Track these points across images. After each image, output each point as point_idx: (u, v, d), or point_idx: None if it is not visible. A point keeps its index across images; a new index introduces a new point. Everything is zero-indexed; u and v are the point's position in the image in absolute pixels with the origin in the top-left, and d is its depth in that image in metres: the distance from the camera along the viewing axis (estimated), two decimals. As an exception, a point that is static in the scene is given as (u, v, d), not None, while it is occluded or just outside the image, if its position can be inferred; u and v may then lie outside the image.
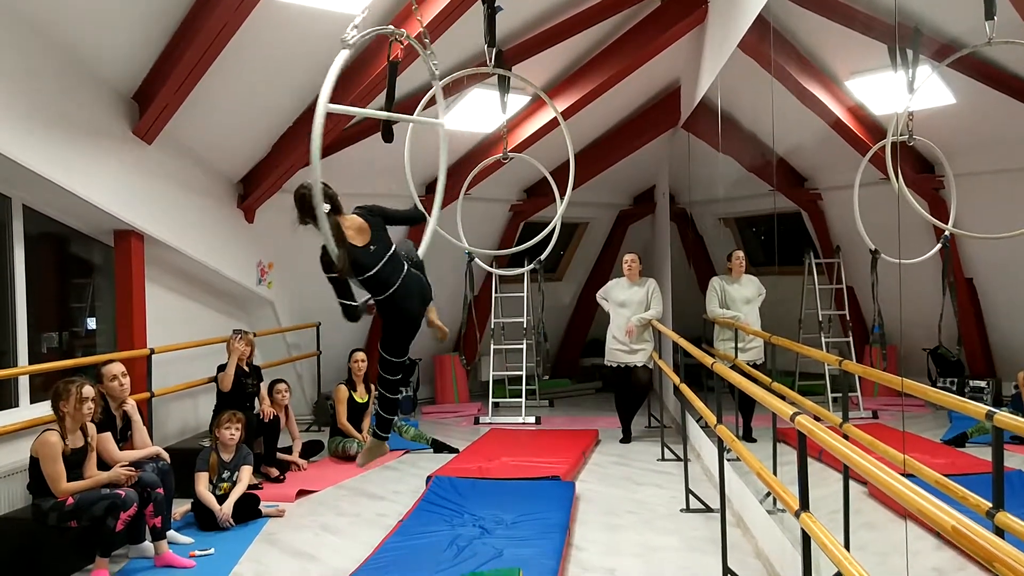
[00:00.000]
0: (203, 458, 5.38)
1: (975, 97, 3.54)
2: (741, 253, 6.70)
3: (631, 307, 7.53)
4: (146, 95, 5.77)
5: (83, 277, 6.62)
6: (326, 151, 7.23)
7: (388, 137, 3.90)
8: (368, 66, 5.96)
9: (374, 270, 3.66)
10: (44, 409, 4.96)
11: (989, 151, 3.63)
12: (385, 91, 3.82)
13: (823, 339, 5.10)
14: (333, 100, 6.38)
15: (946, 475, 2.61)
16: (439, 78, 3.97)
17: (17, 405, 5.38)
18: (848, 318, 5.07)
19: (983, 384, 3.89)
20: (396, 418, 7.60)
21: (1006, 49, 3.09)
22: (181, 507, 5.30)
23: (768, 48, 4.58)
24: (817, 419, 2.99)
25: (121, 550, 4.62)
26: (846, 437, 3.36)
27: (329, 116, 6.66)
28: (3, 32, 4.71)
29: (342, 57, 3.35)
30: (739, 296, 6.51)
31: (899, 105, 3.51)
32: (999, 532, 2.27)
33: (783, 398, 4.03)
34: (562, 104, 7.15)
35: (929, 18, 3.40)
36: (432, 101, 5.44)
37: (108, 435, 4.82)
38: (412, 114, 4.86)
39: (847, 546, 3.33)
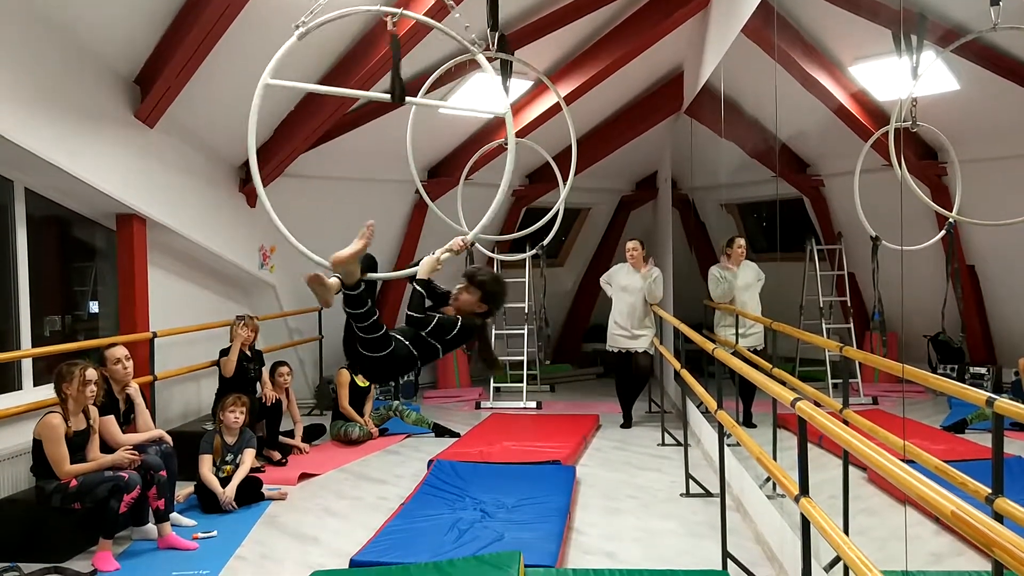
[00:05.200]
0: (207, 441, 5.41)
1: (980, 83, 3.52)
2: (743, 241, 6.67)
3: (633, 292, 7.55)
4: (148, 79, 5.76)
5: (85, 260, 6.63)
6: (328, 135, 7.27)
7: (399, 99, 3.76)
8: (369, 52, 5.94)
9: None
10: (47, 392, 4.98)
11: (993, 138, 3.61)
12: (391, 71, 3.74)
13: (824, 325, 5.10)
14: (333, 85, 6.37)
15: (946, 461, 2.61)
16: (479, 47, 3.85)
17: (20, 388, 5.39)
18: (849, 304, 5.06)
19: (983, 371, 3.89)
20: (398, 402, 7.63)
21: (1012, 35, 3.07)
22: (184, 490, 5.33)
23: (772, 33, 4.56)
24: (817, 405, 2.99)
25: (124, 532, 4.64)
26: (846, 423, 3.37)
27: (331, 106, 6.69)
28: (6, 16, 4.70)
29: (289, 43, 3.40)
30: (739, 282, 6.50)
31: (903, 91, 3.50)
32: (998, 518, 2.27)
33: (784, 384, 4.04)
34: (565, 89, 7.12)
35: (934, 3, 3.39)
36: (434, 85, 5.43)
37: (111, 418, 4.84)
38: (416, 96, 4.84)
39: (846, 531, 3.34)
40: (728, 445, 4.64)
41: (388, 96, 3.58)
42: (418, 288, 3.67)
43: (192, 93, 5.91)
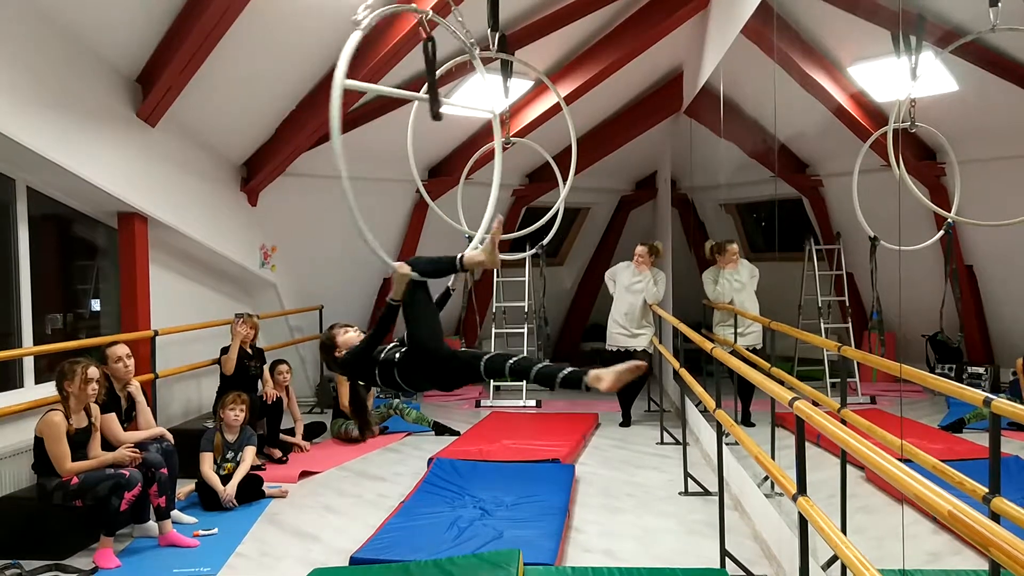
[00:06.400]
0: (208, 439, 5.42)
1: (978, 84, 3.54)
2: (735, 246, 6.63)
3: (635, 292, 7.58)
4: (150, 77, 5.77)
5: (87, 259, 6.65)
6: (326, 136, 7.25)
7: (437, 116, 3.73)
8: (377, 44, 5.94)
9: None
10: (49, 390, 5.00)
11: (991, 138, 3.63)
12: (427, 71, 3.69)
13: (822, 325, 5.12)
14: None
15: (943, 460, 2.62)
16: (473, 48, 3.85)
17: (22, 386, 5.41)
18: (848, 304, 5.08)
19: (981, 370, 3.91)
20: (398, 400, 7.65)
21: (1010, 36, 3.08)
22: (185, 487, 5.34)
23: (771, 34, 4.57)
24: (815, 404, 3.01)
25: (125, 529, 4.66)
26: (844, 422, 3.38)
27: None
28: (8, 15, 4.71)
29: (354, 38, 3.29)
30: (735, 283, 6.51)
31: (902, 92, 3.51)
32: (995, 517, 2.29)
33: (782, 383, 4.05)
34: (565, 89, 7.13)
35: (933, 4, 3.40)
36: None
37: (112, 416, 4.85)
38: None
39: (844, 530, 3.36)
40: (726, 444, 4.65)
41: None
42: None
43: (194, 92, 5.91)
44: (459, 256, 3.36)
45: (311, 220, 8.22)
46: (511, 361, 3.23)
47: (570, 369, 3.17)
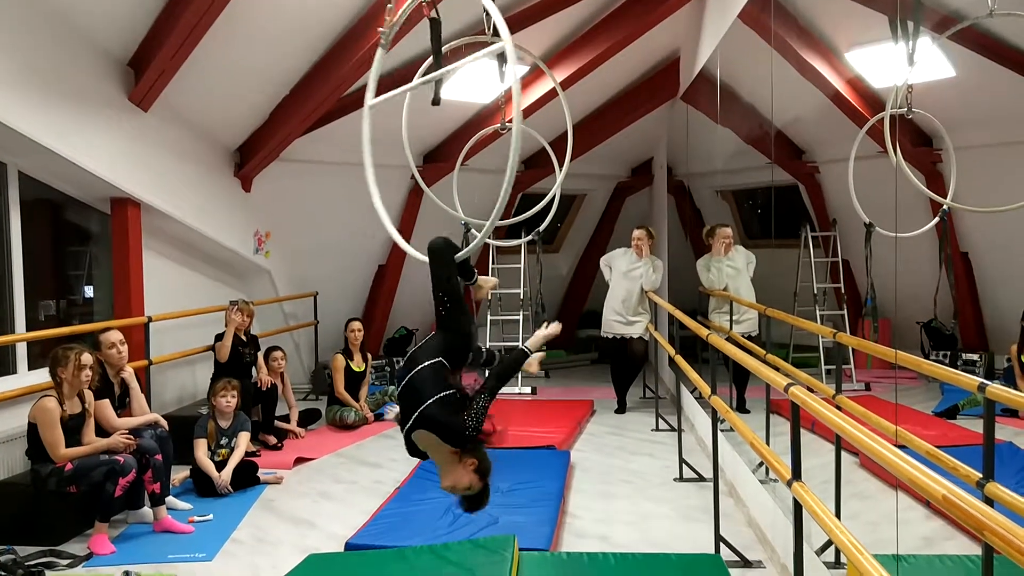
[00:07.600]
0: (201, 425, 5.42)
1: (975, 70, 3.53)
2: (727, 230, 6.61)
3: (632, 279, 7.57)
4: (142, 61, 5.72)
5: (80, 245, 6.61)
6: (323, 120, 7.23)
7: (437, 100, 3.79)
8: (362, 37, 5.92)
9: None
10: (42, 376, 4.98)
11: (988, 125, 3.62)
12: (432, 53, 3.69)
13: (818, 312, 5.12)
14: (325, 72, 6.34)
15: (937, 446, 2.63)
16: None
17: (15, 372, 5.40)
18: (843, 291, 5.09)
19: (975, 357, 3.92)
20: (393, 387, 7.64)
21: (1007, 21, 3.07)
22: (180, 473, 5.34)
23: (768, 19, 4.55)
24: (811, 390, 3.01)
25: (120, 515, 4.65)
26: (839, 408, 3.39)
27: (325, 90, 6.64)
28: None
29: (379, 56, 3.33)
30: (729, 269, 6.51)
31: (898, 78, 3.50)
32: (989, 502, 2.29)
33: (777, 370, 4.06)
34: (561, 74, 7.10)
35: (930, -10, 3.39)
36: (428, 70, 5.40)
37: (106, 402, 4.84)
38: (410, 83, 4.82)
39: (838, 515, 3.37)
40: (721, 430, 4.66)
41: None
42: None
43: (186, 77, 5.87)
44: (476, 275, 3.48)
45: (305, 206, 8.19)
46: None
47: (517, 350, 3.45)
